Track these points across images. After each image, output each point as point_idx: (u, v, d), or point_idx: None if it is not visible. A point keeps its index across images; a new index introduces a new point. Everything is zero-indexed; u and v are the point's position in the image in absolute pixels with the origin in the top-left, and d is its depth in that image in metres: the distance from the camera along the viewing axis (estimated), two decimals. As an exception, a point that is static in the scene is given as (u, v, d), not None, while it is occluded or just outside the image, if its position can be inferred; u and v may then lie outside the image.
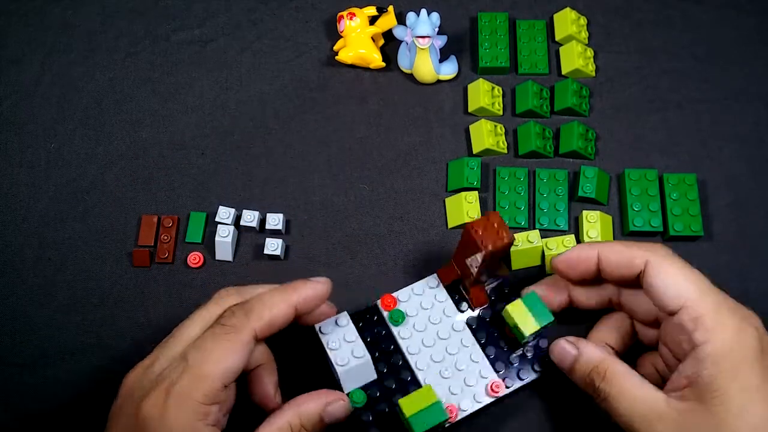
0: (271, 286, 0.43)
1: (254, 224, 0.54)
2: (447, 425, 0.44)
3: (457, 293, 0.49)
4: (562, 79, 0.60)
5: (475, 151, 0.57)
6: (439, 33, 0.58)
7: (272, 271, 0.54)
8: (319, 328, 0.44)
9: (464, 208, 0.54)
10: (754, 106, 0.59)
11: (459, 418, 0.45)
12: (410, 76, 0.61)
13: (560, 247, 0.52)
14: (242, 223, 0.55)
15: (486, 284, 0.50)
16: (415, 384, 0.46)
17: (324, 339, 0.44)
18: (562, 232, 0.54)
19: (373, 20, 0.62)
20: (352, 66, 0.61)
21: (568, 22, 0.61)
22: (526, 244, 0.52)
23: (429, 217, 0.56)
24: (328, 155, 0.58)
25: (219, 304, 0.42)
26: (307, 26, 0.64)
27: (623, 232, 0.54)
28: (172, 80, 0.62)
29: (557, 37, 0.62)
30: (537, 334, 0.45)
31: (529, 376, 0.47)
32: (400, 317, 0.48)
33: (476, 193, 0.55)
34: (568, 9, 0.62)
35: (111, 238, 0.56)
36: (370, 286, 0.53)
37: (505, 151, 0.58)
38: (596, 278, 0.45)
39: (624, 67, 0.61)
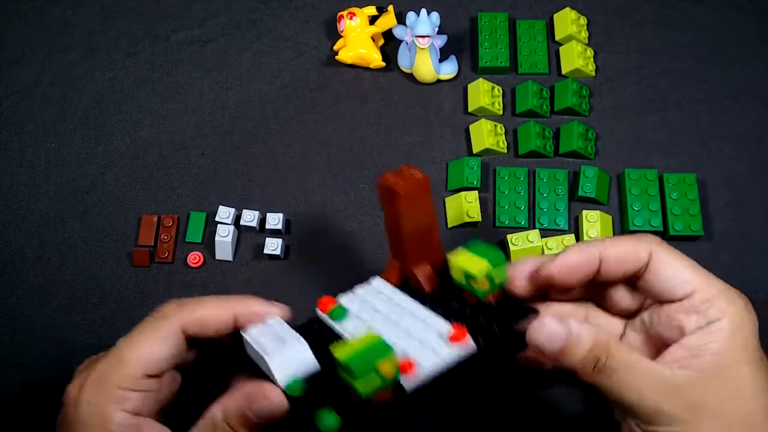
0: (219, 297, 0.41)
1: (254, 224, 0.54)
2: (409, 388, 0.35)
3: (407, 291, 0.42)
4: (562, 79, 0.60)
5: (475, 150, 0.57)
6: (439, 33, 0.58)
7: (272, 271, 0.54)
8: (245, 332, 0.38)
9: (464, 207, 0.54)
10: (754, 106, 0.59)
11: (420, 378, 0.35)
12: (410, 76, 0.61)
13: (560, 246, 0.52)
14: (242, 222, 0.55)
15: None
16: None
17: (248, 335, 0.38)
18: (562, 232, 0.54)
19: (373, 20, 0.62)
20: (352, 66, 0.61)
21: (568, 22, 0.61)
22: (526, 243, 0.52)
23: (429, 216, 0.56)
24: (328, 155, 0.58)
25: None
26: (307, 26, 0.64)
27: (623, 231, 0.54)
28: (172, 80, 0.62)
29: (557, 37, 0.62)
30: (493, 283, 0.38)
31: (500, 333, 0.38)
32: (341, 312, 0.40)
33: (476, 192, 0.55)
34: (568, 9, 0.62)
35: (111, 238, 0.56)
36: (370, 286, 0.53)
37: (505, 150, 0.58)
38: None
39: (624, 67, 0.61)
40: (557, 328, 0.37)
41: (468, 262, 0.38)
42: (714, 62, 0.61)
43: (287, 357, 0.37)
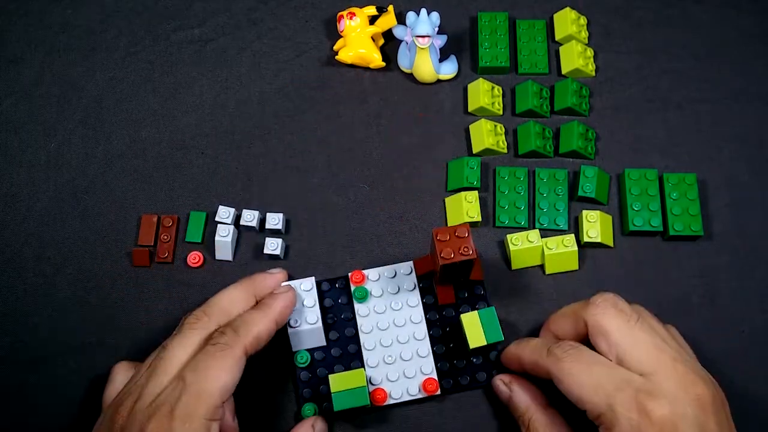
0: (236, 287, 0.47)
1: (254, 224, 0.54)
2: (372, 406, 0.48)
3: (428, 285, 0.51)
4: (562, 79, 0.60)
5: (474, 150, 0.57)
6: (439, 32, 0.58)
7: (272, 271, 0.54)
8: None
9: (464, 207, 0.54)
10: (754, 106, 0.59)
11: (387, 403, 0.48)
12: (410, 76, 0.61)
13: (560, 246, 0.52)
14: (242, 222, 0.55)
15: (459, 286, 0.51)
16: (359, 360, 0.49)
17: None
18: (562, 232, 0.54)
19: (373, 20, 0.62)
20: (352, 66, 0.61)
21: (568, 22, 0.61)
22: (526, 243, 0.52)
23: (429, 217, 0.56)
24: (328, 155, 0.58)
25: (195, 328, 0.43)
26: (307, 26, 0.64)
27: (623, 231, 0.55)
28: (172, 80, 0.62)
29: (557, 37, 0.62)
30: (485, 348, 0.48)
31: (468, 383, 0.49)
32: (363, 295, 0.50)
33: (476, 192, 0.55)
34: (568, 9, 0.62)
35: (111, 238, 0.56)
36: (370, 286, 0.53)
37: (505, 150, 0.58)
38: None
39: (624, 67, 0.61)
40: (501, 388, 0.48)
41: (472, 331, 0.47)
42: (714, 62, 0.61)
43: (305, 335, 0.49)
